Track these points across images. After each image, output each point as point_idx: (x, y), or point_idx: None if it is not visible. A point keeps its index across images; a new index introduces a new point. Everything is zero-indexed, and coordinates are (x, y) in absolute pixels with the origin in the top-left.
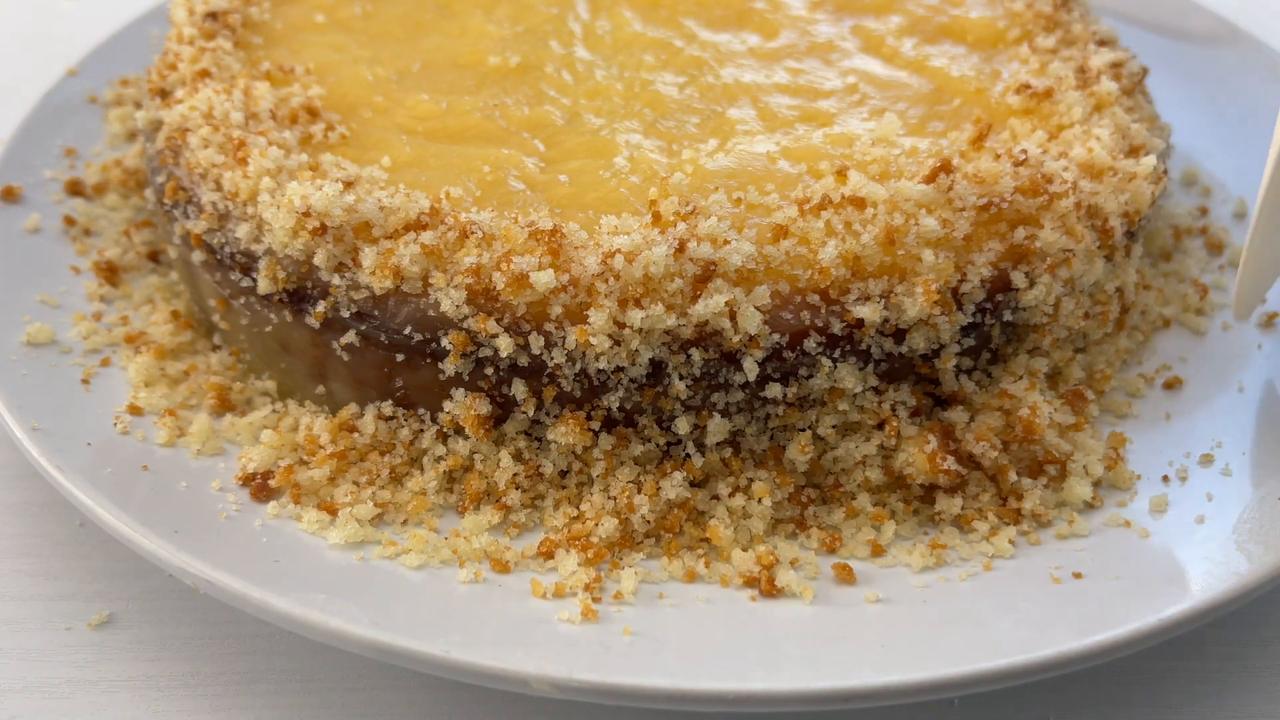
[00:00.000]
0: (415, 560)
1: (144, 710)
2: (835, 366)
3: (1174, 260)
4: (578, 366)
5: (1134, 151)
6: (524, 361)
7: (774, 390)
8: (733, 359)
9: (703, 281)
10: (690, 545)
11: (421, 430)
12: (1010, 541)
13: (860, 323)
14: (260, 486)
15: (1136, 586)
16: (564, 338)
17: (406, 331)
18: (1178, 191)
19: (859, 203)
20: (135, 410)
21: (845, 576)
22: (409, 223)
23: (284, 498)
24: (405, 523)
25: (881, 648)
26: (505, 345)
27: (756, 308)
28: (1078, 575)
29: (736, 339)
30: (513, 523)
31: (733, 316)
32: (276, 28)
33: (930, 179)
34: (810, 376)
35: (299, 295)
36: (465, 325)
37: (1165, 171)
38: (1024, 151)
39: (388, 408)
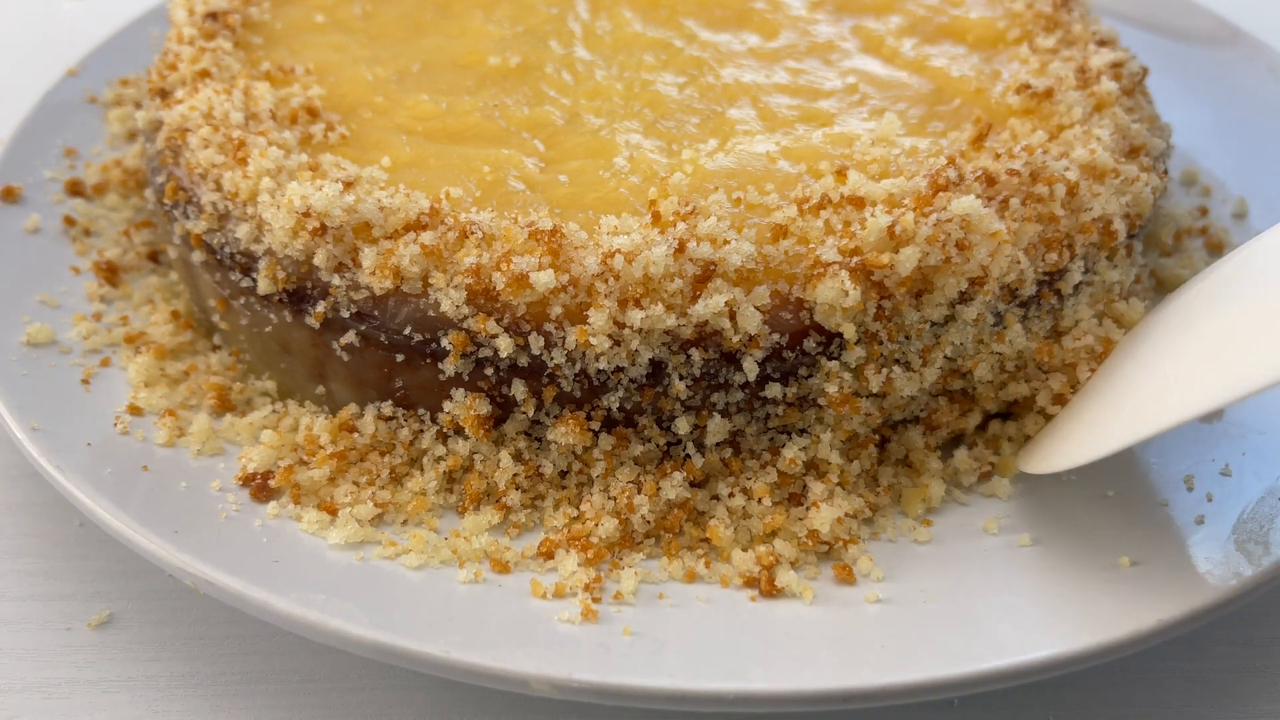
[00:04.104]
0: (415, 560)
1: (144, 710)
2: (835, 366)
3: (1174, 260)
4: (578, 367)
5: (1134, 152)
6: (524, 362)
7: (774, 390)
8: (732, 359)
9: (702, 281)
10: (690, 545)
11: (421, 430)
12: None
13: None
14: (260, 487)
15: (1136, 587)
16: (564, 338)
17: (406, 332)
18: (1178, 191)
19: (858, 202)
20: (135, 410)
21: (845, 577)
22: (409, 223)
23: (284, 498)
24: (405, 523)
25: (881, 648)
26: (505, 345)
27: (756, 307)
28: (1077, 576)
29: (736, 339)
30: (513, 523)
31: (732, 316)
32: (276, 28)
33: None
34: (810, 376)
35: (299, 295)
36: (465, 325)
37: (1165, 171)
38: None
39: (387, 408)
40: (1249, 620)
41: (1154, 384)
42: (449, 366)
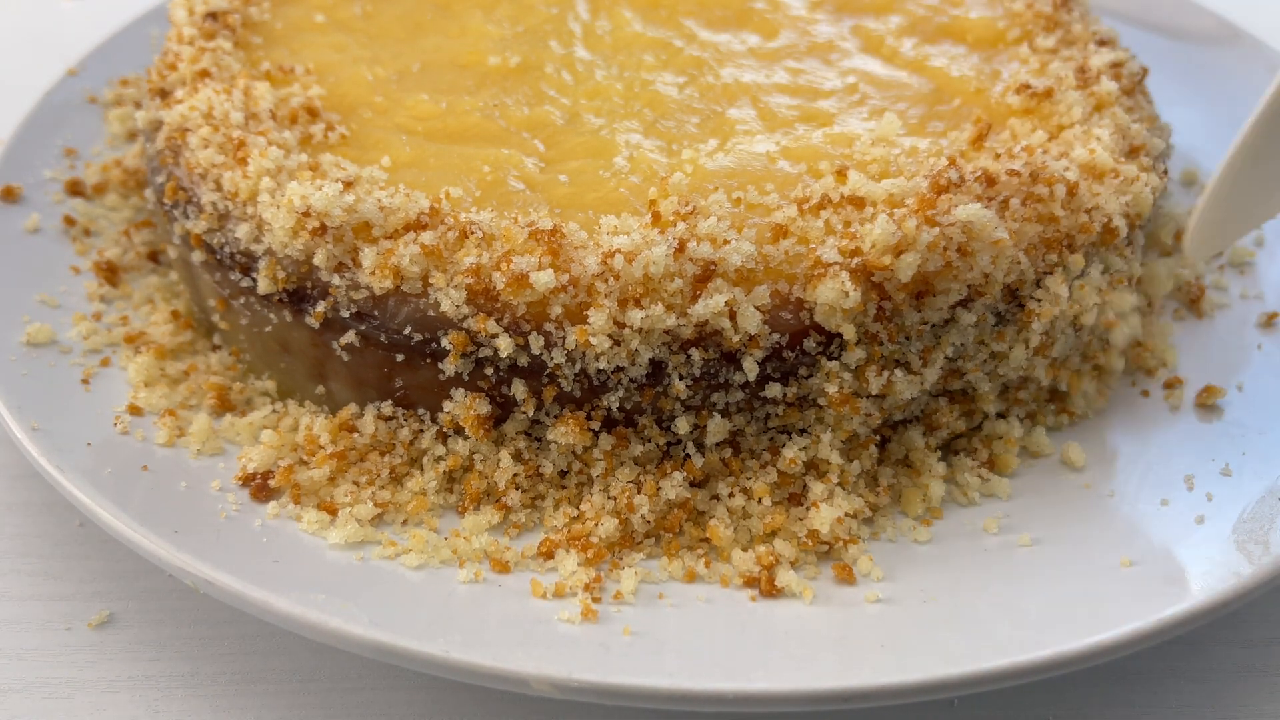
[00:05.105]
0: (415, 560)
1: (144, 710)
2: (835, 366)
3: (1173, 260)
4: (578, 366)
5: (1134, 151)
6: (524, 361)
7: (774, 390)
8: (732, 359)
9: (702, 281)
10: (690, 545)
11: (421, 430)
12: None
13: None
14: (260, 486)
15: (1136, 586)
16: (564, 338)
17: (406, 331)
18: (1178, 191)
19: (858, 202)
20: (135, 410)
21: (845, 577)
22: (409, 223)
23: (284, 498)
24: (405, 523)
25: (881, 648)
26: (505, 345)
27: (756, 307)
28: (1077, 575)
29: (736, 339)
30: (513, 523)
31: (732, 316)
32: (276, 28)
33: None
34: (810, 376)
35: (299, 295)
36: (465, 325)
37: (1165, 171)
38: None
39: (387, 408)
40: (1249, 620)
41: None
42: (449, 366)
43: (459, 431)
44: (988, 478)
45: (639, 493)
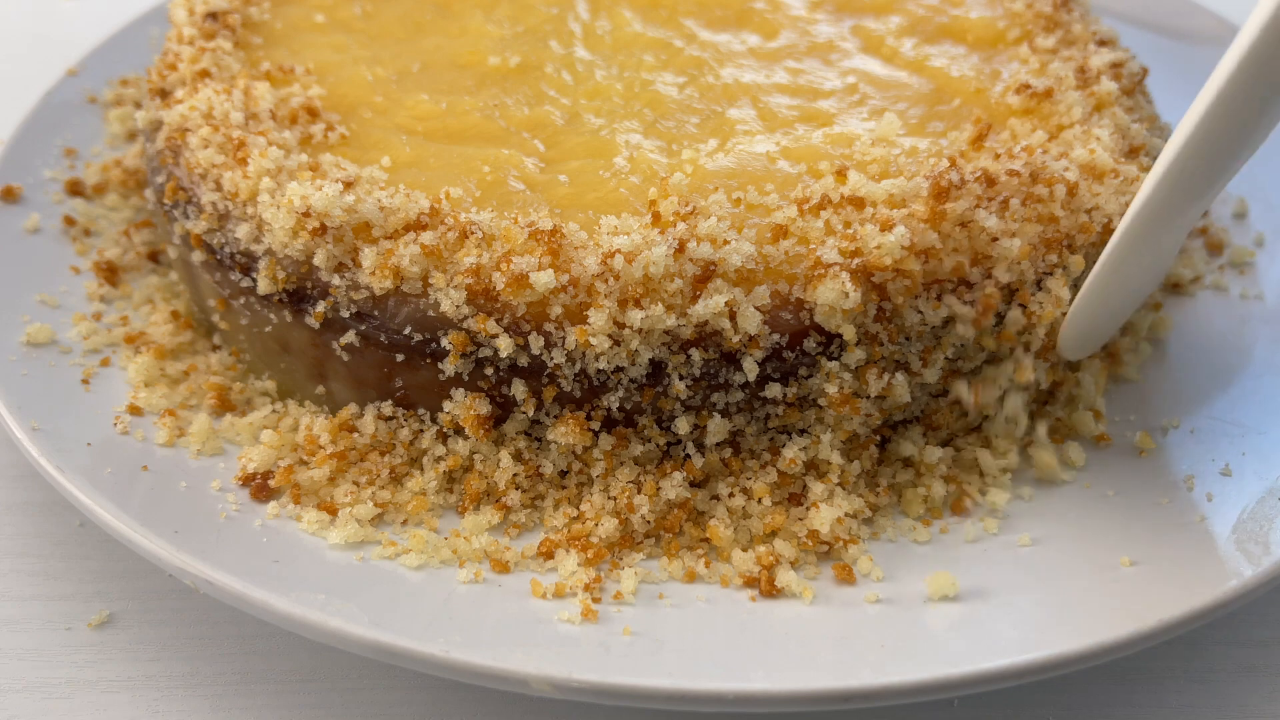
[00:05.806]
0: (415, 560)
1: (144, 710)
2: (835, 366)
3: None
4: (577, 366)
5: (1134, 152)
6: (524, 361)
7: (774, 390)
8: (732, 359)
9: (702, 281)
10: (690, 545)
11: (421, 430)
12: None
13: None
14: (260, 486)
15: (1136, 587)
16: (564, 338)
17: (406, 332)
18: None
19: (858, 202)
20: (135, 410)
21: (845, 576)
22: (409, 223)
23: (284, 498)
24: (405, 523)
25: (881, 648)
26: (505, 345)
27: (756, 308)
28: (1077, 575)
29: (736, 339)
30: (513, 523)
31: (732, 316)
32: (276, 28)
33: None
34: (810, 376)
35: (299, 295)
36: (465, 325)
37: None
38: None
39: (387, 408)
40: (1249, 620)
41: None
42: (449, 366)
43: (459, 431)
44: (988, 477)
45: (639, 493)
